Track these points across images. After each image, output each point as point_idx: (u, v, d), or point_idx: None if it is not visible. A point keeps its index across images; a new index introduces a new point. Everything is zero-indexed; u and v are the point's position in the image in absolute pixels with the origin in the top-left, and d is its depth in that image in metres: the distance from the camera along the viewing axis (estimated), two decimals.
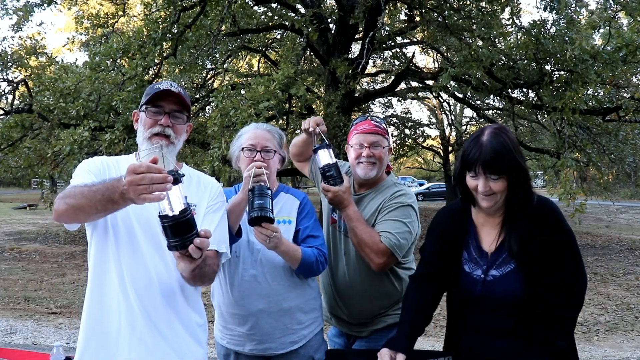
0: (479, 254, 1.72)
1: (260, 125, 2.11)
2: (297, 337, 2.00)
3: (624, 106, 8.53)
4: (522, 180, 1.61)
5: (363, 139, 2.14)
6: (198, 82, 13.71)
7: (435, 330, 5.25)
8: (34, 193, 26.81)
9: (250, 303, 1.95)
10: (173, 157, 1.70)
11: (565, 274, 1.64)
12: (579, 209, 7.09)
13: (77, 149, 7.15)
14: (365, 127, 2.16)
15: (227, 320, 2.03)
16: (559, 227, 1.65)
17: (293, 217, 2.04)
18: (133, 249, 1.61)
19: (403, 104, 36.92)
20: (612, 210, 19.43)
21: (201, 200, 1.74)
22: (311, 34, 8.58)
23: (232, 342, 2.04)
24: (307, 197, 2.13)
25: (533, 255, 1.62)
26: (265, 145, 2.01)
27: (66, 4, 13.95)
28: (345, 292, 2.22)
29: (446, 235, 1.79)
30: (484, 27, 7.79)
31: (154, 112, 1.68)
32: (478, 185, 1.62)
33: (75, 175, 1.65)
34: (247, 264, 1.97)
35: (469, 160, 1.62)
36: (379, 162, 2.14)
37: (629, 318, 5.73)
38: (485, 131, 1.64)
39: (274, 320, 1.96)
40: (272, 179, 2.06)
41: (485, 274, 1.68)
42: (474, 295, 1.70)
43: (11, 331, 5.00)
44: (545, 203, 1.69)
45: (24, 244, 11.19)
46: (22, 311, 5.78)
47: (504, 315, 1.66)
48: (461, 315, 1.77)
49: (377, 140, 2.14)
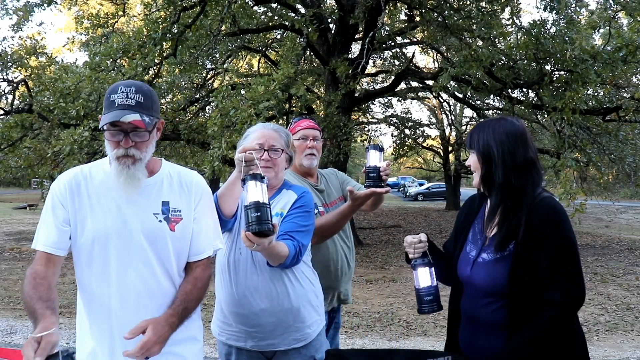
0: (480, 235, 1.77)
1: (267, 125, 2.12)
2: (300, 335, 1.99)
3: (624, 106, 8.53)
4: (496, 162, 1.65)
5: (307, 133, 2.50)
6: (198, 82, 13.71)
7: (435, 330, 5.25)
8: (34, 193, 26.81)
9: (253, 302, 1.94)
10: (143, 171, 1.64)
11: (551, 280, 1.56)
12: (579, 209, 7.09)
13: (77, 149, 7.15)
14: (307, 124, 2.54)
15: (227, 317, 2.03)
16: (557, 232, 1.59)
17: (285, 210, 2.02)
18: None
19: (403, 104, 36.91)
20: (612, 210, 19.43)
21: (188, 206, 1.72)
22: (311, 34, 8.58)
23: (233, 338, 2.03)
24: (307, 191, 2.10)
25: (525, 248, 1.59)
26: (272, 144, 2.03)
27: (66, 4, 13.95)
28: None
29: (463, 217, 1.89)
30: (484, 27, 7.79)
31: (112, 134, 1.60)
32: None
33: (45, 212, 1.67)
34: (249, 263, 1.96)
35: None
36: (318, 153, 2.52)
37: (629, 318, 5.73)
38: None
39: (276, 320, 1.95)
40: (280, 176, 2.08)
41: (478, 256, 1.71)
42: (464, 276, 1.74)
43: (11, 331, 5.00)
44: (546, 202, 1.64)
45: (24, 244, 11.19)
46: (22, 311, 5.78)
47: (492, 305, 1.64)
48: (457, 299, 1.80)
49: (316, 135, 2.52)
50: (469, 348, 1.72)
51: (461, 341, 1.77)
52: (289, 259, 1.81)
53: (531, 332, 1.55)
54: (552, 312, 1.54)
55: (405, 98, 16.16)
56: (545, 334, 1.54)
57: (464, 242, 1.79)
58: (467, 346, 1.73)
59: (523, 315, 1.57)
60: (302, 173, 2.53)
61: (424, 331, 5.25)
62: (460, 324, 1.77)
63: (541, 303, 1.55)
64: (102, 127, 1.61)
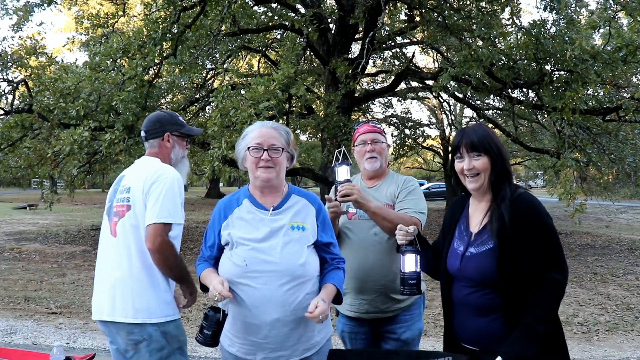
0: (465, 233, 1.94)
1: (265, 124, 2.05)
2: (310, 344, 1.95)
3: (624, 106, 8.52)
4: (500, 162, 1.84)
5: (365, 137, 2.56)
6: (198, 82, 13.72)
7: (435, 330, 5.25)
8: (34, 193, 26.79)
9: (265, 312, 1.88)
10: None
11: (543, 263, 1.74)
12: (579, 209, 7.09)
13: (77, 149, 7.16)
14: (365, 129, 2.59)
15: (238, 329, 1.95)
16: (537, 221, 1.77)
17: (308, 224, 1.99)
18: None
19: (403, 104, 36.95)
20: (612, 210, 19.43)
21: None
22: (311, 34, 8.58)
23: (242, 351, 1.95)
24: (321, 202, 2.08)
25: (510, 239, 1.76)
26: (272, 143, 1.97)
27: (66, 4, 13.97)
28: (374, 271, 2.43)
29: (449, 217, 2.08)
30: (484, 27, 7.78)
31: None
32: (463, 166, 1.87)
33: None
34: (258, 274, 1.89)
35: (455, 145, 1.91)
36: (379, 155, 2.54)
37: (629, 318, 5.73)
38: (468, 125, 1.84)
39: (289, 330, 1.89)
40: (281, 176, 2.04)
41: (465, 250, 1.88)
42: (454, 270, 1.90)
43: (11, 331, 4.99)
44: (525, 197, 1.84)
45: (24, 244, 11.19)
46: (22, 311, 5.78)
47: (482, 292, 1.81)
48: (449, 290, 1.95)
49: (375, 138, 2.55)
50: (462, 329, 1.90)
51: (456, 325, 1.93)
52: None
53: (540, 311, 1.70)
54: (555, 289, 1.73)
55: (405, 98, 16.15)
56: (551, 311, 1.73)
57: (452, 240, 1.97)
58: (461, 327, 1.91)
59: (516, 298, 1.73)
60: (369, 177, 2.61)
61: (424, 331, 5.25)
62: (454, 310, 1.94)
63: (544, 283, 1.71)
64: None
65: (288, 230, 1.96)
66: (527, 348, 1.66)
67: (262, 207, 2.02)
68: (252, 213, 2.00)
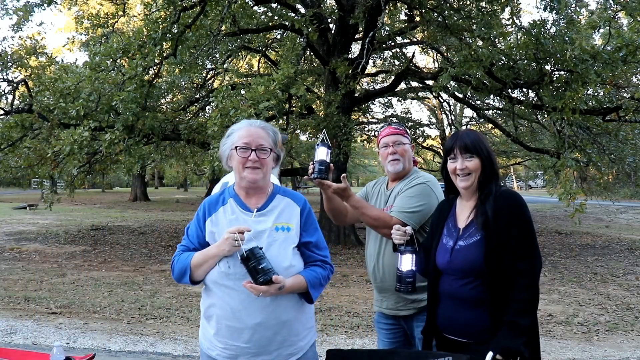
0: (454, 229, 2.06)
1: (253, 122, 1.99)
2: (294, 349, 1.91)
3: (624, 106, 8.52)
4: (489, 164, 2.00)
5: (387, 140, 2.57)
6: (198, 82, 13.72)
7: None
8: (34, 193, 26.81)
9: (248, 316, 1.84)
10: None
11: (515, 254, 1.87)
12: (579, 209, 7.09)
13: (77, 149, 7.16)
14: (387, 131, 2.60)
15: (220, 333, 1.90)
16: (517, 215, 1.92)
17: (293, 224, 1.94)
18: None
19: (403, 104, 37.01)
20: (612, 210, 19.43)
21: None
22: (311, 34, 8.58)
23: (224, 355, 1.89)
24: (306, 201, 2.03)
25: (495, 232, 1.90)
26: (260, 143, 1.92)
27: (66, 4, 13.98)
28: (389, 271, 2.44)
29: (437, 216, 2.20)
30: (484, 27, 7.78)
31: None
32: (456, 166, 2.01)
33: None
34: (242, 277, 1.83)
35: (448, 147, 2.05)
36: (402, 157, 2.54)
37: (629, 318, 5.73)
38: (461, 129, 2.01)
39: (271, 333, 1.85)
40: (267, 178, 1.99)
41: (454, 244, 2.00)
42: (444, 263, 2.00)
43: (11, 331, 4.99)
44: (509, 193, 1.99)
45: (24, 244, 11.19)
46: (22, 311, 5.78)
47: (472, 285, 1.91)
48: (436, 284, 2.04)
49: (397, 140, 2.55)
50: (449, 322, 1.99)
51: (440, 318, 2.02)
52: (325, 280, 1.96)
53: (519, 305, 1.83)
54: (525, 279, 1.85)
55: (405, 98, 16.14)
56: (529, 303, 1.84)
57: (440, 237, 2.08)
58: (447, 320, 1.99)
59: (501, 289, 1.85)
60: (392, 179, 2.63)
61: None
62: (440, 304, 2.02)
63: (515, 274, 1.85)
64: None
65: (272, 232, 1.91)
66: (514, 341, 1.79)
67: (247, 208, 1.97)
68: (236, 214, 1.96)
